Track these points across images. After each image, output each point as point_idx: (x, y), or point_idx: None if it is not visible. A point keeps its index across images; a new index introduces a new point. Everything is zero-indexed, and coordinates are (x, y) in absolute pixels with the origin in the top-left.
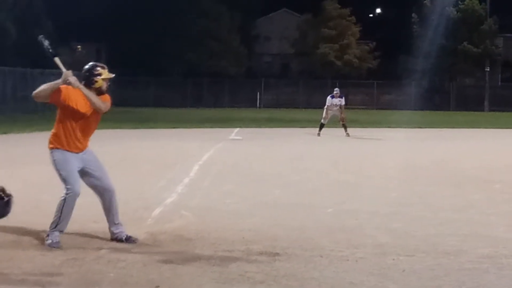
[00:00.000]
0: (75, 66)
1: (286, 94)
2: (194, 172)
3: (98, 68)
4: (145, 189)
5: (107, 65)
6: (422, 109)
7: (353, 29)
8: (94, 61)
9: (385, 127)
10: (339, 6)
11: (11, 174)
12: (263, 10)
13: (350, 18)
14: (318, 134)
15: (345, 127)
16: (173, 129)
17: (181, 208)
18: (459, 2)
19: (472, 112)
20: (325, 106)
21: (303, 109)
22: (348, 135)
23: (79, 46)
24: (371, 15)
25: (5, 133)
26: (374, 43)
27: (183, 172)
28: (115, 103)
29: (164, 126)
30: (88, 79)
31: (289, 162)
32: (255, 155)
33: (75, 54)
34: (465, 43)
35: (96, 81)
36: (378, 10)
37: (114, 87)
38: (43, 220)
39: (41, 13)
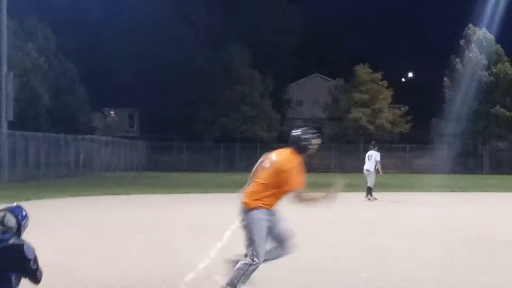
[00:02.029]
0: (107, 131)
1: (318, 158)
2: (226, 237)
3: (314, 137)
4: (177, 254)
5: (140, 131)
6: (455, 173)
7: (385, 93)
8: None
9: (419, 191)
10: (371, 71)
11: (44, 239)
12: (295, 75)
13: (382, 82)
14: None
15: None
16: (206, 194)
17: (214, 273)
18: (491, 66)
19: (506, 176)
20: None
21: (336, 174)
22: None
23: (112, 112)
24: (403, 79)
25: (38, 198)
26: (406, 107)
27: (215, 237)
28: (148, 168)
29: (196, 191)
30: (301, 147)
31: (324, 226)
32: (288, 219)
33: (107, 119)
34: (497, 107)
35: (310, 149)
36: (410, 75)
37: (148, 152)
38: (76, 285)
39: (75, 79)
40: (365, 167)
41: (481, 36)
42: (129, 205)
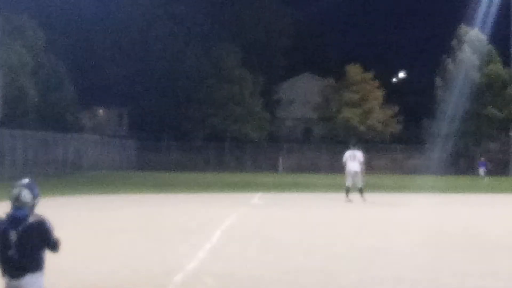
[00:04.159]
0: (96, 130)
1: (308, 159)
2: (216, 237)
3: None
4: (166, 254)
5: (129, 130)
6: (446, 174)
7: (376, 93)
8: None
9: (410, 192)
10: (362, 70)
11: None
12: (286, 74)
13: (373, 82)
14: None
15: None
16: (195, 194)
17: (203, 274)
18: (483, 66)
19: (497, 177)
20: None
21: (326, 174)
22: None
23: (101, 110)
24: (394, 80)
25: None
26: (398, 107)
27: (204, 237)
28: (138, 167)
29: (185, 191)
30: None
31: (313, 227)
32: (277, 220)
33: (96, 118)
34: (489, 107)
35: None
36: (402, 75)
37: (137, 151)
38: (64, 285)
39: (64, 77)
40: (354, 168)
41: (474, 36)
42: (117, 205)
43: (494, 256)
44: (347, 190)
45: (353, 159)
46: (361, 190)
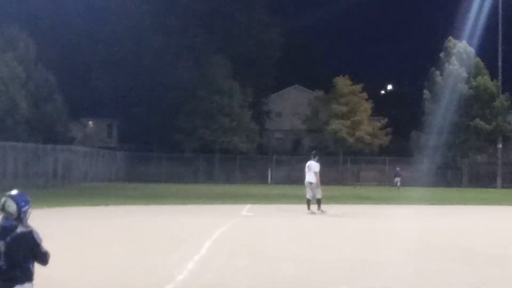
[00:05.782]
0: (85, 141)
1: (297, 171)
2: (205, 248)
3: None
4: (155, 266)
5: (118, 141)
6: (434, 186)
7: (365, 105)
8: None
9: (398, 203)
10: (351, 83)
11: None
12: (275, 86)
13: (361, 94)
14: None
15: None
16: (184, 205)
17: (192, 285)
18: (471, 79)
19: (485, 189)
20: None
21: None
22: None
23: (90, 122)
24: (382, 92)
25: None
26: (386, 119)
27: (194, 249)
28: (127, 178)
29: (175, 202)
30: None
31: (301, 238)
32: (266, 231)
33: (86, 130)
34: (477, 120)
35: None
36: (390, 87)
37: (126, 163)
38: None
39: (54, 89)
40: (307, 179)
41: (462, 49)
42: (107, 216)
43: (481, 267)
44: (307, 202)
45: (309, 169)
46: (316, 201)
